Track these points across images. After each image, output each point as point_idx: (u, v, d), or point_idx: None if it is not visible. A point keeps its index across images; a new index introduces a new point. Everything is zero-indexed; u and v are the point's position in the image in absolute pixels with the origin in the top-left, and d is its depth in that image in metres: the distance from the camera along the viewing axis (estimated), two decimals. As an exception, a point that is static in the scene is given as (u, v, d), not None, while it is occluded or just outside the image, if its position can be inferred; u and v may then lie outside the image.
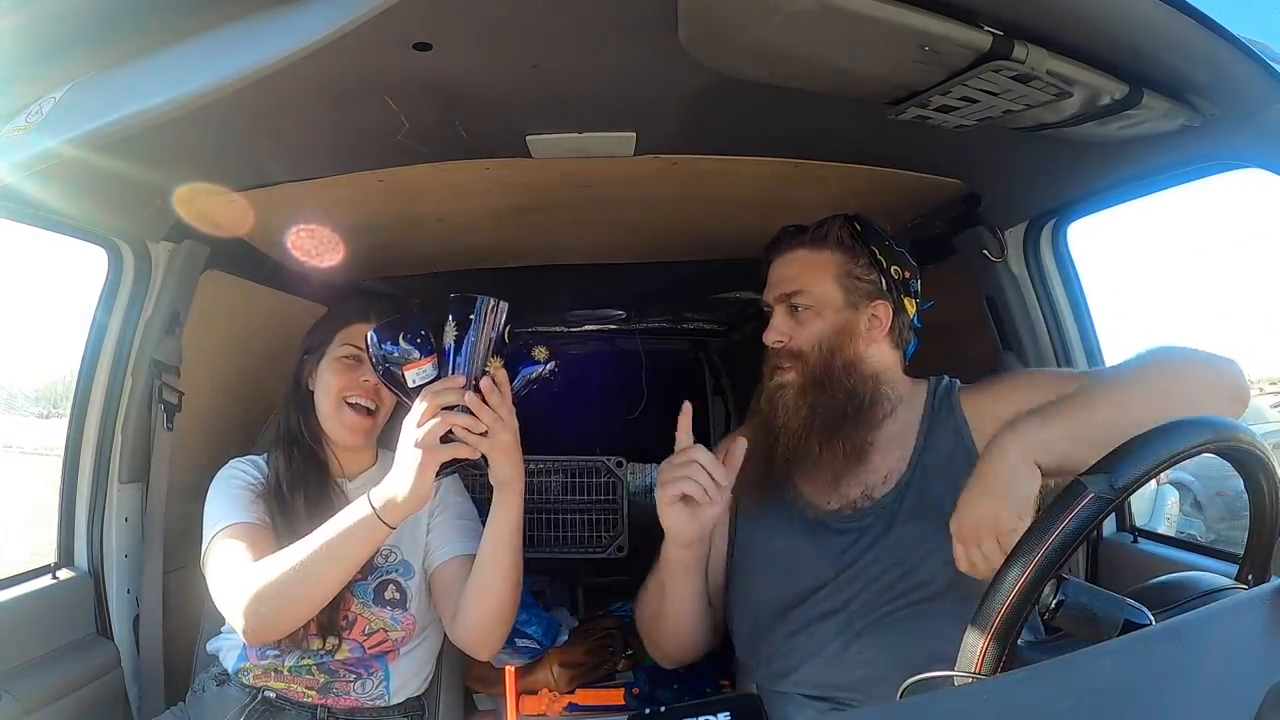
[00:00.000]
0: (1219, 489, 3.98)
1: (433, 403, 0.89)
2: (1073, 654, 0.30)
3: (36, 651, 1.14)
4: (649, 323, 2.47)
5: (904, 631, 0.94)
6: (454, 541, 1.11)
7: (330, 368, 1.12)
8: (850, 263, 1.05)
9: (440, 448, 0.89)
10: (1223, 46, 0.71)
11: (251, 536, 1.01)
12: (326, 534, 0.94)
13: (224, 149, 1.01)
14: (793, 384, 1.04)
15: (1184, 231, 8.38)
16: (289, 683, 1.07)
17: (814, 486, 1.05)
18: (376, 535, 0.94)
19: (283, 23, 0.64)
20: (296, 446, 1.13)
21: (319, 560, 0.93)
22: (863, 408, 1.02)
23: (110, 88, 0.71)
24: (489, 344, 0.91)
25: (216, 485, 1.10)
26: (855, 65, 0.76)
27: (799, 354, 1.04)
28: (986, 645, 0.56)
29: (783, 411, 1.04)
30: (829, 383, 1.02)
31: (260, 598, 0.93)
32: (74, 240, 1.17)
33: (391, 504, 0.91)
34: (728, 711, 0.59)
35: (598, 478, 2.08)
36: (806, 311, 1.04)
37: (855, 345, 1.04)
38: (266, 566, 0.95)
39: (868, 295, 1.05)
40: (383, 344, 0.94)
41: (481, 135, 1.02)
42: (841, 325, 1.04)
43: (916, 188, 1.23)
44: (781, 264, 1.08)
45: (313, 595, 0.96)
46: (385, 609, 1.08)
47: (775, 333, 1.05)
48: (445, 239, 1.46)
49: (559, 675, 1.44)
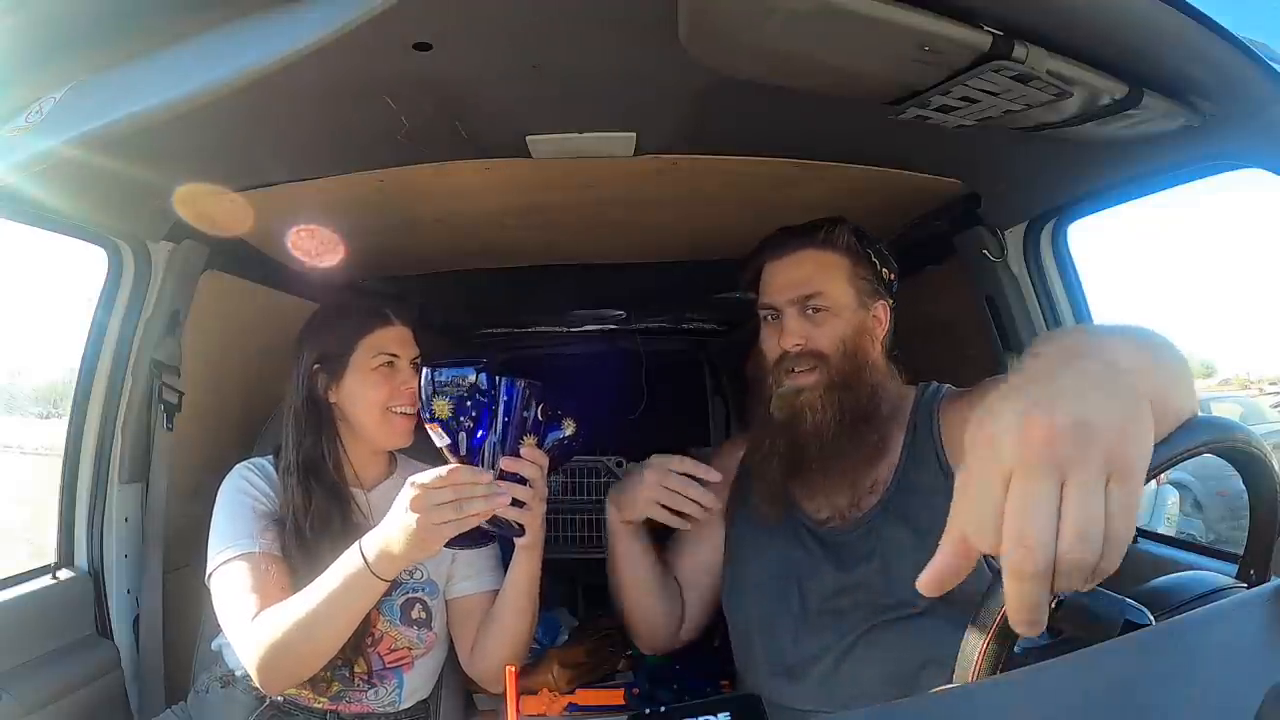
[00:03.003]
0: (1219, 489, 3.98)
1: (451, 481, 0.85)
2: (1073, 654, 0.30)
3: (36, 651, 1.13)
4: (649, 323, 2.47)
5: (895, 644, 0.93)
6: (481, 575, 1.12)
7: (366, 380, 1.08)
8: (855, 264, 1.05)
9: (440, 529, 0.85)
10: (1223, 46, 0.70)
11: (260, 570, 0.98)
12: (325, 588, 0.91)
13: (224, 149, 1.01)
14: (816, 386, 1.01)
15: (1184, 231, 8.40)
16: (300, 688, 1.05)
17: (807, 495, 1.05)
18: (375, 590, 0.91)
19: (283, 23, 0.64)
20: (316, 478, 1.07)
21: (321, 618, 0.91)
22: (880, 407, 1.02)
23: (110, 88, 0.70)
24: (521, 424, 0.91)
25: (225, 496, 1.06)
26: (855, 65, 0.76)
27: (821, 355, 1.01)
28: (986, 645, 0.56)
29: (810, 414, 1.00)
30: (856, 382, 1.01)
31: (270, 654, 0.92)
32: (74, 240, 1.17)
33: (386, 560, 0.89)
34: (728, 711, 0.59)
35: (598, 478, 2.08)
36: (823, 313, 1.02)
37: (872, 345, 1.04)
38: (273, 620, 0.93)
39: (871, 296, 1.05)
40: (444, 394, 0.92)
41: (481, 135, 1.02)
42: (858, 325, 1.03)
43: (916, 188, 1.23)
44: (788, 265, 1.05)
45: (319, 650, 0.94)
46: (411, 628, 1.08)
47: (793, 335, 1.02)
48: (445, 239, 1.46)
49: (559, 675, 1.43)
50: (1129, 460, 0.37)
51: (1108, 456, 0.37)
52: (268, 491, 1.07)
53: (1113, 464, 0.37)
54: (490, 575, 1.12)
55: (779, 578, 1.03)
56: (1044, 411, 0.38)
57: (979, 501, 0.39)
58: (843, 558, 1.00)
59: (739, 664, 1.11)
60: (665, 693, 1.46)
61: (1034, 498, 0.36)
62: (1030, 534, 0.36)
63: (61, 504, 1.26)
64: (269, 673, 0.94)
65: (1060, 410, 0.38)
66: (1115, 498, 0.36)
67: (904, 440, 1.02)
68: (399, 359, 1.10)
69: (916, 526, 0.95)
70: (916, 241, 1.42)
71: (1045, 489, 0.36)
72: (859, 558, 0.98)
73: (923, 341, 1.12)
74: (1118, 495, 0.36)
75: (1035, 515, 0.36)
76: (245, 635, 0.94)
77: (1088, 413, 0.38)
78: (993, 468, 0.38)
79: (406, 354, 1.12)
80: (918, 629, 0.92)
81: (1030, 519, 0.36)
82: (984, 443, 0.39)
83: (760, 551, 1.07)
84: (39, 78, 0.73)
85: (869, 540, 0.98)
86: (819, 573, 1.00)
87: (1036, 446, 0.37)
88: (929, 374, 1.10)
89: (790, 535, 1.05)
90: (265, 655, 0.92)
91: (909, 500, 0.97)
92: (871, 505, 1.00)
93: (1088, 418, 0.37)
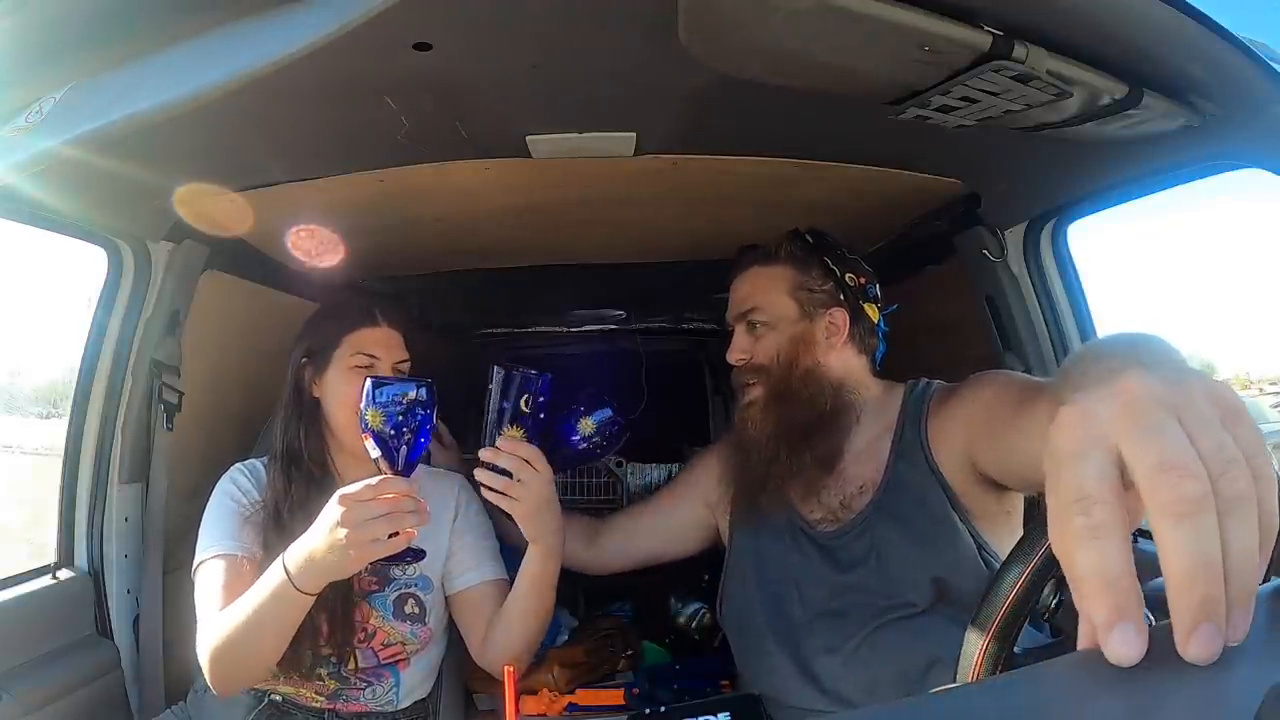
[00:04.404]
0: (1219, 489, 3.97)
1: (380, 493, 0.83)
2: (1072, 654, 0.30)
3: (36, 651, 1.14)
4: (649, 323, 2.47)
5: (900, 644, 0.93)
6: (481, 566, 1.11)
7: (344, 378, 1.08)
8: (802, 275, 1.07)
9: (371, 546, 0.82)
10: (1223, 46, 0.70)
11: (229, 573, 0.98)
12: (253, 599, 0.89)
13: (224, 149, 1.01)
14: (758, 400, 1.05)
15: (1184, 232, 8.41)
16: (298, 687, 1.06)
17: (797, 496, 1.06)
18: (300, 603, 0.88)
19: (282, 23, 0.64)
20: (296, 467, 1.07)
21: (251, 628, 0.89)
22: (825, 416, 1.03)
23: (110, 88, 0.70)
24: (500, 414, 0.92)
25: (213, 499, 1.07)
26: (855, 65, 0.76)
27: (760, 368, 1.06)
28: (987, 645, 0.56)
29: (751, 427, 1.06)
30: (789, 393, 1.04)
31: (212, 657, 0.92)
32: (74, 240, 1.17)
33: (308, 574, 0.86)
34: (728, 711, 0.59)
35: (597, 477, 2.08)
36: (763, 327, 1.06)
37: (813, 354, 1.05)
38: (216, 625, 0.93)
39: (823, 304, 1.06)
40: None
41: (481, 135, 1.02)
42: (798, 336, 1.05)
43: (916, 188, 1.23)
44: (738, 283, 1.10)
45: (255, 657, 0.93)
46: (405, 623, 1.08)
47: (737, 351, 1.08)
48: (445, 239, 1.46)
49: (559, 675, 1.44)
50: (1232, 401, 0.32)
51: (1211, 399, 0.31)
52: (252, 493, 1.07)
53: (1220, 405, 0.31)
54: (491, 565, 1.12)
55: (779, 582, 1.04)
56: (1134, 378, 0.32)
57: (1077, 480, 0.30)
58: (839, 559, 1.00)
59: (742, 668, 1.11)
60: (665, 693, 1.47)
61: (1158, 431, 0.29)
62: (1176, 456, 0.28)
63: (61, 504, 1.26)
64: (213, 675, 0.93)
65: (1148, 373, 0.32)
66: (1241, 435, 0.30)
67: (891, 439, 1.02)
68: (379, 361, 1.09)
69: (909, 524, 0.95)
70: (916, 241, 1.42)
71: (1168, 422, 0.30)
72: (855, 559, 0.98)
73: (923, 341, 1.12)
74: (1242, 432, 0.30)
75: (1170, 441, 0.29)
76: (199, 635, 0.95)
77: (1173, 371, 0.33)
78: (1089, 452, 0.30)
79: (389, 357, 1.10)
80: (922, 628, 0.92)
81: (1166, 445, 0.29)
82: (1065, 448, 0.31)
83: (759, 556, 1.08)
84: (39, 78, 0.73)
85: (863, 540, 0.98)
86: (817, 576, 1.01)
87: (1139, 396, 0.31)
88: (929, 374, 1.10)
89: (788, 539, 1.05)
90: (209, 657, 0.93)
91: (900, 499, 0.98)
92: (863, 505, 1.00)
93: (1177, 374, 0.32)
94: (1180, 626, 0.28)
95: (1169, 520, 0.28)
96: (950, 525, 0.94)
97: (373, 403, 0.85)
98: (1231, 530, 0.28)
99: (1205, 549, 0.27)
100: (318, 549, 0.85)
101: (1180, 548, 0.27)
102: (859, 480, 1.02)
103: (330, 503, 0.84)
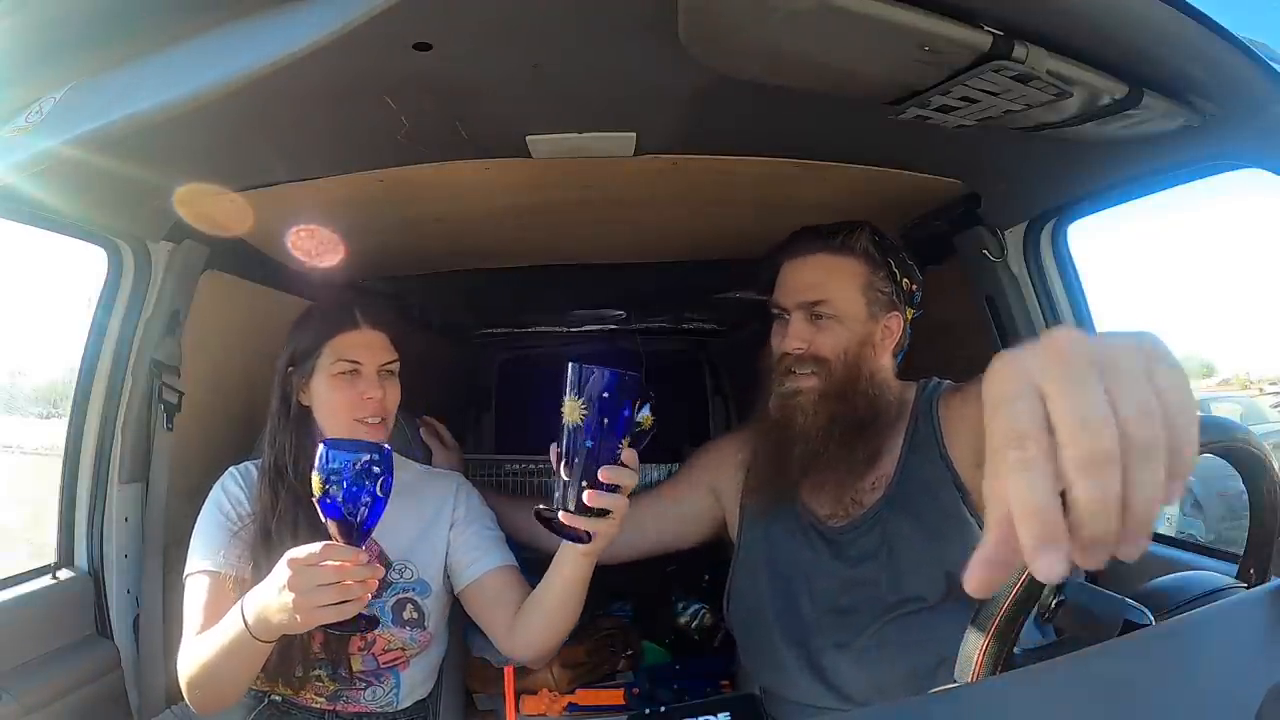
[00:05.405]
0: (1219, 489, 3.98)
1: (323, 559, 0.79)
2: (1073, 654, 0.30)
3: (36, 651, 1.13)
4: (649, 323, 2.47)
5: (911, 640, 0.93)
6: (489, 554, 1.08)
7: (328, 385, 1.05)
8: (873, 274, 1.03)
9: (318, 613, 0.79)
10: (1223, 46, 0.70)
11: (211, 592, 0.97)
12: (217, 638, 0.88)
13: (224, 149, 1.01)
14: (811, 390, 1.01)
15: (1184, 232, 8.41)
16: (298, 688, 1.05)
17: (814, 492, 1.05)
18: (258, 650, 0.87)
19: (283, 23, 0.64)
20: (282, 482, 1.03)
21: (217, 663, 0.89)
22: (879, 417, 1.02)
23: (110, 88, 0.70)
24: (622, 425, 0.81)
25: (205, 508, 1.06)
26: (855, 65, 0.76)
27: (821, 361, 1.01)
28: (986, 645, 0.56)
29: (800, 417, 1.01)
30: (852, 393, 1.00)
31: (187, 681, 0.93)
32: (74, 240, 1.17)
33: (263, 626, 0.84)
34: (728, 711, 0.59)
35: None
36: (829, 320, 1.01)
37: (874, 355, 1.02)
38: (190, 651, 0.93)
39: (885, 307, 1.03)
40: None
41: (481, 135, 1.02)
42: (864, 336, 1.02)
43: (916, 188, 1.23)
44: (800, 268, 1.04)
45: (223, 688, 0.93)
46: (404, 629, 1.07)
47: (796, 339, 1.02)
48: (445, 239, 1.46)
49: (559, 675, 1.44)
50: (1164, 354, 0.33)
51: (1144, 355, 0.32)
52: (244, 503, 1.05)
53: (1151, 361, 0.32)
54: (499, 552, 1.09)
55: (789, 578, 1.04)
56: (1064, 333, 0.33)
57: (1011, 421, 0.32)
58: (850, 554, 1.00)
59: (748, 664, 1.11)
60: (665, 693, 1.47)
61: (1080, 384, 0.31)
62: (1090, 413, 0.30)
63: (61, 504, 1.26)
64: (189, 698, 0.94)
65: (1078, 331, 0.34)
66: (1161, 383, 0.31)
67: (905, 435, 1.02)
68: (363, 366, 1.06)
69: (921, 519, 0.95)
70: (916, 241, 1.42)
71: (1090, 376, 0.31)
72: (865, 554, 0.98)
73: (923, 341, 1.12)
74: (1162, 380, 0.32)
75: (1088, 398, 0.31)
76: (179, 655, 0.95)
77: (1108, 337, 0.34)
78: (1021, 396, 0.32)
79: (373, 360, 1.07)
80: (931, 624, 0.92)
81: (1084, 401, 0.31)
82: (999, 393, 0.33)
83: (769, 551, 1.07)
84: (39, 78, 0.73)
85: (874, 535, 0.98)
86: (827, 571, 1.01)
87: (1066, 350, 0.32)
88: (929, 374, 1.10)
89: (798, 534, 1.05)
90: (184, 683, 0.93)
91: (912, 493, 0.98)
92: (875, 500, 1.00)
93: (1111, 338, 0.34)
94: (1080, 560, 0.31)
95: (1078, 472, 0.30)
96: (961, 520, 0.94)
97: (323, 468, 0.81)
98: (1137, 475, 0.30)
99: (1107, 495, 0.30)
100: (269, 606, 0.82)
101: (1087, 493, 0.30)
102: (871, 476, 1.02)
103: (281, 562, 0.82)
